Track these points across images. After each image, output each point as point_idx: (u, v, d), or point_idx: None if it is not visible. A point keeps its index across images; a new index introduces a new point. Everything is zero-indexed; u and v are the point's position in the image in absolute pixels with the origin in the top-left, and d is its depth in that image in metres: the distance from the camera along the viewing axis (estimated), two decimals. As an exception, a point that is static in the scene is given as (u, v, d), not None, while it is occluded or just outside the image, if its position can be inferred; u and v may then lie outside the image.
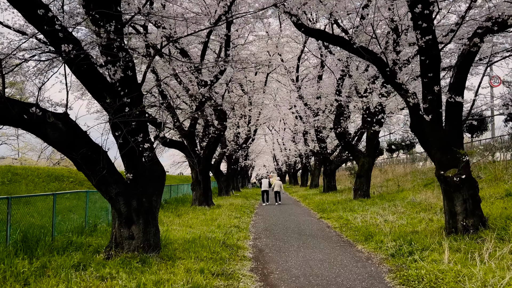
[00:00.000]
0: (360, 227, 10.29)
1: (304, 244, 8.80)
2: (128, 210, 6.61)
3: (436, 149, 8.40)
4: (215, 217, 12.60)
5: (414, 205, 13.10)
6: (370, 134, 16.87)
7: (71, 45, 5.44)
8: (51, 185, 17.35)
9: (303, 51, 23.25)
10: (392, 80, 9.10)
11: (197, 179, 15.87)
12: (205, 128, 16.33)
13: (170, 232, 9.41)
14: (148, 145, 6.53)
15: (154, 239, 6.84)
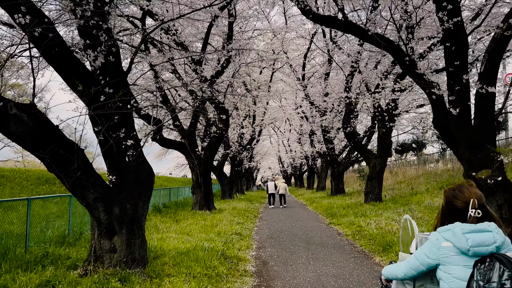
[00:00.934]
0: (375, 235, 9.27)
1: (313, 256, 7.79)
2: (109, 218, 5.65)
3: (464, 147, 7.37)
4: (216, 223, 11.62)
5: (432, 210, 12.04)
6: (381, 133, 15.83)
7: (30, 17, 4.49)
8: (39, 188, 16.47)
9: (309, 48, 22.30)
10: (412, 71, 8.10)
11: (197, 181, 14.91)
12: (206, 128, 15.37)
13: (164, 241, 8.46)
14: (132, 142, 5.57)
15: (140, 252, 5.87)
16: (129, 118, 5.93)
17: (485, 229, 1.98)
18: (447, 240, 2.03)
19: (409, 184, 20.16)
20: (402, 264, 2.28)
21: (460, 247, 1.97)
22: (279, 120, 34.87)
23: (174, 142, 14.73)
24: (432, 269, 2.10)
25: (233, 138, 25.30)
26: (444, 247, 2.03)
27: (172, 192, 18.26)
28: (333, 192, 24.52)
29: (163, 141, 14.13)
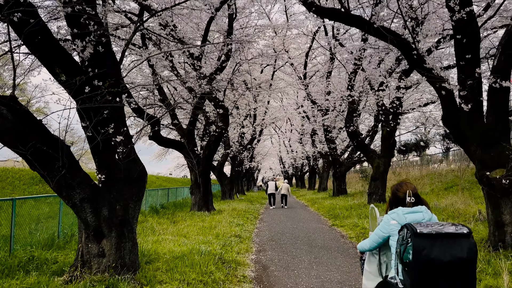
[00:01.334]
0: (380, 238, 8.85)
1: (316, 260, 7.38)
2: (97, 220, 5.25)
3: (476, 145, 6.97)
4: (214, 225, 11.22)
5: (438, 211, 11.61)
6: (385, 132, 15.41)
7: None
8: (32, 188, 16.06)
9: (311, 47, 21.89)
10: (420, 65, 7.70)
11: (196, 181, 14.51)
12: (206, 127, 14.98)
13: (159, 244, 8.06)
14: (121, 138, 5.18)
15: (131, 256, 5.47)
16: (120, 113, 5.53)
17: (418, 211, 2.85)
18: (393, 219, 2.87)
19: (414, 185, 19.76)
20: (368, 239, 3.14)
21: (401, 223, 2.76)
22: (280, 120, 34.48)
23: (173, 141, 14.34)
24: (386, 240, 2.94)
25: (233, 138, 24.91)
26: (392, 224, 2.87)
27: (170, 193, 17.85)
28: (335, 193, 24.10)
29: (161, 140, 13.74)
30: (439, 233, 2.47)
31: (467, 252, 2.43)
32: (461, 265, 2.42)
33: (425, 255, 2.42)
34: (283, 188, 21.13)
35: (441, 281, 2.42)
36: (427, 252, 2.42)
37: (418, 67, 7.84)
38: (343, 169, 23.82)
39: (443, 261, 2.40)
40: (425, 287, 2.44)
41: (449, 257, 2.41)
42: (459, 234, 2.49)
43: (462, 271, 2.43)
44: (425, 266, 2.42)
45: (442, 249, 2.42)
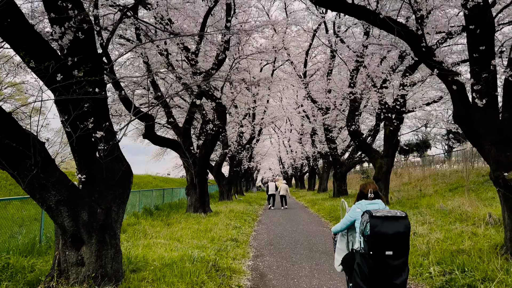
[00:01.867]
0: (385, 242, 8.33)
1: (318, 267, 6.86)
2: (76, 225, 4.73)
3: (491, 144, 6.44)
4: (210, 227, 10.69)
5: (445, 214, 11.10)
6: (388, 132, 14.89)
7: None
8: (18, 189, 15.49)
9: (311, 44, 21.38)
10: (429, 59, 7.19)
11: (192, 182, 13.97)
12: (203, 125, 14.45)
13: (149, 249, 7.54)
14: (102, 133, 4.65)
15: (113, 265, 4.95)
16: (101, 106, 5.01)
17: (375, 203, 3.97)
18: (358, 208, 3.95)
19: (416, 186, 19.24)
20: (339, 223, 4.20)
21: (363, 210, 3.76)
22: (279, 120, 33.99)
23: (168, 140, 13.80)
24: (353, 223, 4.03)
25: (232, 137, 24.39)
26: (357, 211, 3.93)
27: (166, 193, 17.31)
28: (336, 193, 23.58)
29: (156, 139, 13.21)
30: (387, 216, 3.58)
31: (404, 228, 3.57)
32: (400, 236, 3.55)
33: (377, 230, 3.54)
34: (282, 189, 21.01)
35: (387, 246, 3.54)
36: (379, 228, 3.55)
37: (427, 61, 7.34)
38: (343, 169, 23.30)
39: (389, 233, 3.54)
40: (377, 251, 3.55)
41: (392, 231, 3.54)
42: (399, 217, 3.61)
43: (401, 240, 3.56)
44: (378, 237, 3.54)
45: (388, 226, 3.55)
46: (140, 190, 12.92)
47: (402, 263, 3.56)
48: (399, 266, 3.55)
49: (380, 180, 14.79)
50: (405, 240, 3.56)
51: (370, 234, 3.54)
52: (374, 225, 3.53)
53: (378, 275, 3.57)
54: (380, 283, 3.58)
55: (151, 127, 12.71)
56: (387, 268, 3.54)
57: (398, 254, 3.54)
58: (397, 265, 3.54)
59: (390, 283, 3.55)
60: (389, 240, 3.52)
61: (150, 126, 12.72)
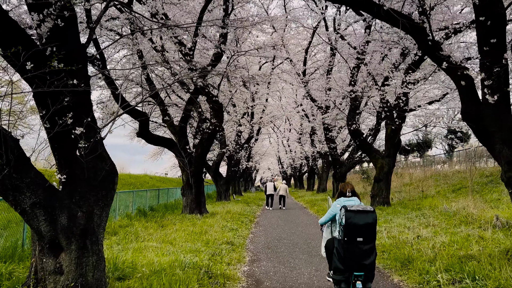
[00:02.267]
0: (388, 246, 7.95)
1: (318, 273, 6.46)
2: (54, 230, 4.32)
3: (503, 143, 6.05)
4: (206, 230, 10.29)
5: (449, 216, 10.72)
6: (390, 131, 14.51)
7: None
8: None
9: (311, 42, 20.97)
10: (436, 53, 6.81)
11: (188, 182, 13.57)
12: (199, 124, 14.04)
13: (140, 253, 7.14)
14: (82, 130, 4.25)
15: (95, 273, 4.54)
16: (82, 99, 4.60)
17: (352, 199, 4.87)
18: (338, 204, 4.79)
19: (417, 187, 18.87)
20: (324, 216, 5.11)
21: (341, 205, 4.50)
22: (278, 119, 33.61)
23: (162, 139, 13.40)
24: (334, 216, 4.90)
25: (230, 137, 23.99)
26: (337, 206, 4.72)
27: (162, 194, 16.89)
28: (335, 194, 23.21)
29: (150, 138, 12.80)
30: (359, 210, 4.31)
31: (372, 219, 4.32)
32: (368, 226, 4.30)
33: (351, 221, 4.28)
34: (281, 189, 20.72)
35: (358, 234, 4.30)
36: (352, 219, 4.28)
37: (434, 54, 6.95)
38: (343, 169, 22.91)
39: (360, 224, 4.28)
40: (351, 237, 4.30)
41: (362, 222, 4.28)
42: (368, 211, 4.34)
43: (369, 229, 4.32)
44: (351, 227, 4.28)
45: (359, 218, 4.29)
46: (134, 190, 12.52)
47: (370, 247, 4.42)
48: (368, 250, 4.40)
49: (381, 181, 14.41)
50: (373, 230, 4.39)
51: (345, 224, 4.34)
52: (348, 217, 4.34)
53: (351, 257, 4.39)
54: (353, 263, 4.40)
55: (145, 125, 12.31)
56: (358, 251, 4.37)
57: (367, 240, 4.39)
58: (367, 249, 4.39)
59: (360, 263, 4.39)
60: (360, 229, 4.34)
61: (144, 124, 12.32)
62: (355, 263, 4.38)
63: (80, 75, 4.62)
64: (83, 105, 4.59)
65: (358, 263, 4.37)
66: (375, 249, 4.49)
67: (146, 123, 12.35)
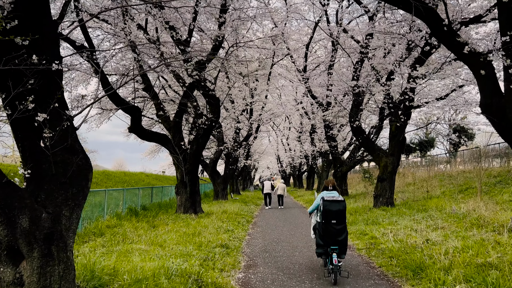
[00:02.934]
0: (396, 251, 7.31)
1: (320, 281, 5.83)
2: (12, 234, 3.68)
3: (529, 139, 5.42)
4: (199, 231, 9.65)
5: (458, 218, 10.09)
6: (394, 128, 13.87)
7: None
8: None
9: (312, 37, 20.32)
10: (452, 40, 6.17)
11: (182, 180, 12.92)
12: (195, 119, 13.38)
13: (124, 257, 6.50)
14: (45, 116, 3.61)
15: (63, 284, 3.89)
16: (47, 81, 3.95)
17: (332, 192, 6.19)
18: (322, 196, 6.06)
19: (421, 187, 18.26)
20: (311, 206, 6.37)
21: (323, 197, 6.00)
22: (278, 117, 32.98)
23: (156, 134, 12.74)
24: (318, 205, 6.08)
25: (228, 134, 23.34)
26: (320, 198, 6.04)
27: (156, 192, 16.23)
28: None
29: (143, 133, 12.15)
30: (333, 200, 5.92)
31: (342, 207, 5.89)
32: (340, 212, 5.86)
33: (327, 208, 5.82)
34: (280, 189, 20.21)
35: (332, 217, 5.82)
36: (328, 207, 5.83)
37: (449, 42, 6.31)
38: (344, 168, 22.28)
39: (333, 210, 5.81)
40: (327, 220, 5.83)
41: (335, 208, 5.82)
42: (340, 200, 5.94)
43: (340, 214, 5.87)
44: (327, 212, 5.83)
45: (333, 205, 5.83)
46: (124, 188, 11.88)
47: (342, 227, 5.89)
48: (340, 229, 5.87)
49: (385, 180, 13.78)
50: (343, 214, 5.93)
51: (323, 210, 5.88)
52: (325, 205, 5.87)
53: (328, 234, 5.85)
54: (329, 239, 5.84)
55: (138, 120, 11.66)
56: (333, 230, 5.83)
57: (339, 222, 5.87)
58: (339, 229, 5.86)
59: (335, 239, 5.82)
60: (333, 214, 5.83)
61: (136, 118, 11.67)
62: (331, 239, 5.85)
63: (49, 53, 3.99)
64: (48, 87, 3.93)
65: (333, 239, 5.85)
66: (346, 229, 6.00)
67: (139, 117, 11.70)
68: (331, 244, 5.78)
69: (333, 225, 5.79)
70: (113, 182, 20.98)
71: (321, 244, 5.93)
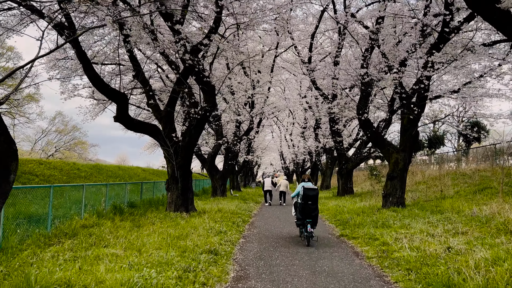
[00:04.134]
0: (413, 262, 6.19)
1: (324, 303, 4.71)
2: None
3: None
4: (188, 232, 8.57)
5: (480, 222, 8.93)
6: (406, 121, 12.68)
7: None
8: None
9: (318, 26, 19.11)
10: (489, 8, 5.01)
11: (173, 175, 11.82)
12: (188, 109, 12.24)
13: (90, 267, 5.41)
14: None
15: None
16: None
17: (308, 183, 8.96)
18: (302, 186, 8.77)
19: (431, 186, 17.08)
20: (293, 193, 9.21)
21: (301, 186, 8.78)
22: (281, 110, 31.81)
23: (145, 125, 11.62)
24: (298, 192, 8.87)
25: (228, 128, 22.23)
26: (300, 187, 8.82)
27: (147, 187, 15.13)
28: (340, 192, 21.45)
29: (130, 123, 11.04)
30: (310, 188, 8.59)
31: (316, 193, 8.60)
32: (314, 196, 8.56)
33: (305, 193, 8.48)
34: (282, 185, 19.28)
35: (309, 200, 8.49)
36: (306, 192, 8.49)
37: (485, 11, 5.14)
38: (350, 165, 21.12)
39: (310, 194, 8.49)
40: (305, 201, 8.49)
41: (311, 194, 8.52)
42: (314, 188, 8.63)
43: (314, 197, 8.56)
44: (306, 196, 8.49)
45: (309, 191, 8.51)
46: (108, 183, 10.79)
47: (315, 207, 8.53)
48: (314, 208, 8.50)
49: (395, 178, 12.61)
50: (316, 198, 8.59)
51: (303, 195, 8.52)
52: (305, 191, 8.51)
53: (305, 211, 8.47)
54: (306, 215, 8.44)
55: (124, 108, 10.57)
56: (308, 209, 8.46)
57: (313, 203, 8.52)
58: (313, 208, 8.49)
59: (310, 214, 8.42)
60: (310, 197, 8.48)
61: (123, 107, 10.58)
62: (307, 215, 8.41)
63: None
64: None
65: (308, 214, 8.40)
66: (318, 208, 8.61)
67: (125, 105, 10.60)
68: (306, 218, 8.47)
69: (309, 205, 8.50)
70: (104, 177, 19.92)
71: (300, 218, 8.63)
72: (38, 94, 44.53)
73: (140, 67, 11.71)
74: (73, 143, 55.47)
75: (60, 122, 53.35)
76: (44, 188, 7.71)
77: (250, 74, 20.12)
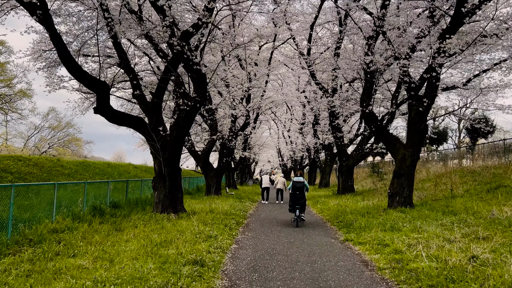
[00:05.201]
0: (435, 276, 5.19)
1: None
2: None
3: None
4: (173, 237, 7.54)
5: (503, 226, 7.96)
6: (414, 114, 11.67)
7: None
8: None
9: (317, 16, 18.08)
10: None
11: (160, 173, 10.78)
12: (177, 100, 11.19)
13: (43, 286, 4.39)
14: None
15: None
16: None
17: (299, 177, 11.40)
18: (293, 180, 11.33)
19: (439, 183, 16.10)
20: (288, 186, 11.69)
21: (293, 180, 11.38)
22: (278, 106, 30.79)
23: (128, 117, 10.55)
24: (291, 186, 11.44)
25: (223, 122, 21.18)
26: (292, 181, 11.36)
27: (134, 186, 14.06)
28: (341, 190, 20.47)
29: (112, 115, 9.96)
30: (297, 181, 11.17)
31: (302, 185, 11.14)
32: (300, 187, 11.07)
33: (294, 185, 11.11)
34: (279, 182, 18.44)
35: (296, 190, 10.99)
36: (295, 184, 11.11)
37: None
38: (351, 162, 20.12)
39: (297, 186, 11.04)
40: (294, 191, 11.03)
41: (299, 185, 11.07)
42: (301, 181, 11.17)
43: (301, 188, 11.07)
44: (294, 187, 11.09)
45: (297, 184, 11.10)
46: (86, 181, 9.74)
47: (302, 195, 10.92)
48: (301, 197, 10.89)
49: (402, 176, 11.61)
50: (302, 188, 11.00)
51: (292, 186, 11.07)
52: (294, 184, 11.06)
53: (294, 199, 10.88)
54: (295, 202, 10.83)
55: (104, 98, 9.52)
56: (296, 197, 10.84)
57: (300, 193, 10.90)
58: (300, 196, 10.89)
59: (298, 202, 10.81)
60: (297, 188, 10.93)
61: (103, 97, 9.53)
62: (296, 202, 10.85)
63: None
64: None
65: (297, 202, 10.84)
66: (305, 197, 11.07)
67: (106, 95, 9.54)
68: (296, 204, 10.78)
69: (297, 195, 10.86)
70: (91, 174, 18.82)
71: (291, 204, 10.93)
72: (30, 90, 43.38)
73: (124, 53, 10.66)
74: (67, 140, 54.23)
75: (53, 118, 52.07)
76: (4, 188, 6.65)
77: (246, 67, 19.10)
